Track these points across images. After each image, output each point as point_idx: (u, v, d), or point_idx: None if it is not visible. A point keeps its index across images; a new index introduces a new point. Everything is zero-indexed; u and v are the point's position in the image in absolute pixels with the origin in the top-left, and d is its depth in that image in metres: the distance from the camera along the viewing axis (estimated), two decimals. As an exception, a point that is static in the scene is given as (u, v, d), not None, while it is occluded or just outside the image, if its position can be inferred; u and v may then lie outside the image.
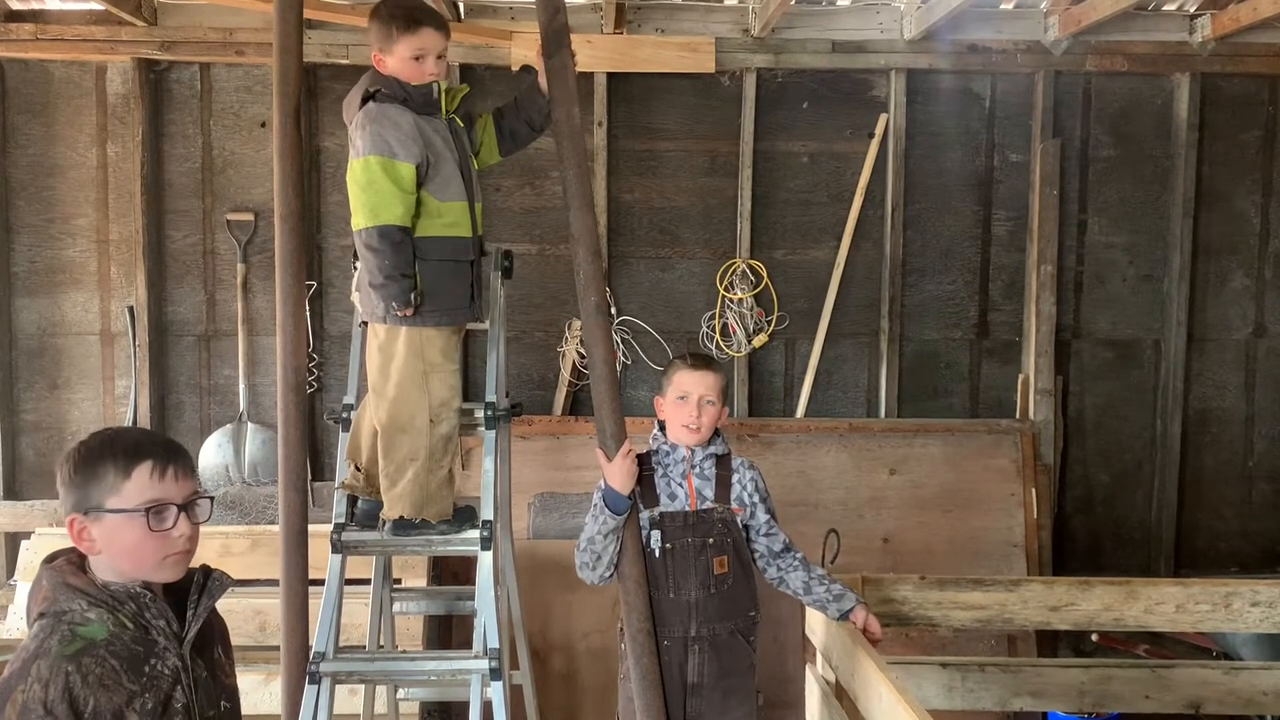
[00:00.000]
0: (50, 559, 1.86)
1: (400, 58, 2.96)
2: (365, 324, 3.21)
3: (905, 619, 3.40)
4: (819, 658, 3.27)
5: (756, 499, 2.98)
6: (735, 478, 2.99)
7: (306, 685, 2.93)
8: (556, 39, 3.11)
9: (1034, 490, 4.93)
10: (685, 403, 2.93)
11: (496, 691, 2.92)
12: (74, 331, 5.00)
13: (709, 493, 2.95)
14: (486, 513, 3.08)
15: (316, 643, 2.97)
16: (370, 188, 2.89)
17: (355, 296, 3.21)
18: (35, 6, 4.82)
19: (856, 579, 3.29)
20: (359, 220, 2.94)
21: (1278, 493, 5.29)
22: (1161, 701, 3.44)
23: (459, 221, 3.06)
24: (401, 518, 3.01)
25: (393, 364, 3.01)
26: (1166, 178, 5.16)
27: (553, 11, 3.11)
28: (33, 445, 5.02)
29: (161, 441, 1.85)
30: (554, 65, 3.07)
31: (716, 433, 3.03)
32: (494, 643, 2.94)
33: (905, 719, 2.37)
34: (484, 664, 2.92)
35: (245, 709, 4.18)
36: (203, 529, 4.85)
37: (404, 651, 3.86)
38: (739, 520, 2.95)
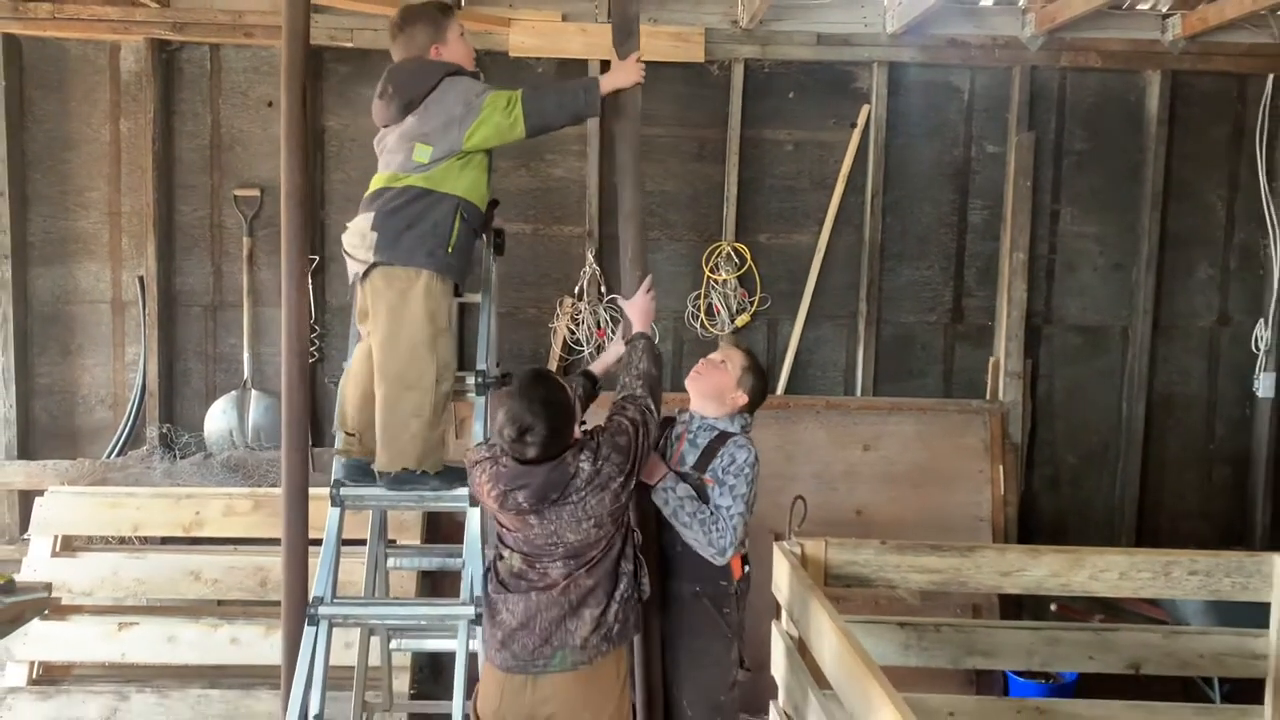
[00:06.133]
0: None
1: (455, 37, 3.38)
2: (361, 280, 3.37)
3: (867, 580, 3.62)
4: (784, 615, 3.50)
5: (722, 473, 3.15)
6: (722, 451, 3.19)
7: (306, 626, 3.17)
8: (626, 28, 3.43)
9: (1001, 468, 5.16)
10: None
11: (481, 634, 3.14)
12: (86, 300, 5.23)
13: (691, 459, 3.19)
14: (476, 472, 3.31)
15: (316, 588, 3.21)
16: (512, 104, 3.23)
17: (362, 251, 3.31)
18: (52, -13, 5.03)
19: (822, 542, 3.53)
20: (520, 129, 3.25)
21: (1237, 475, 5.52)
22: (1105, 662, 3.67)
23: (486, 196, 3.40)
24: (404, 469, 3.23)
25: (405, 327, 3.23)
26: (1137, 171, 5.37)
27: (627, 6, 3.45)
28: (46, 408, 5.26)
29: None
30: (624, 53, 3.40)
31: (738, 416, 3.27)
32: (479, 590, 3.16)
33: (852, 663, 2.61)
34: (470, 610, 3.16)
35: (246, 659, 4.48)
36: (208, 490, 5.14)
37: (396, 598, 4.10)
38: (710, 490, 3.16)
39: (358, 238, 3.25)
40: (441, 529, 4.82)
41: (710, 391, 3.23)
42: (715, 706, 3.17)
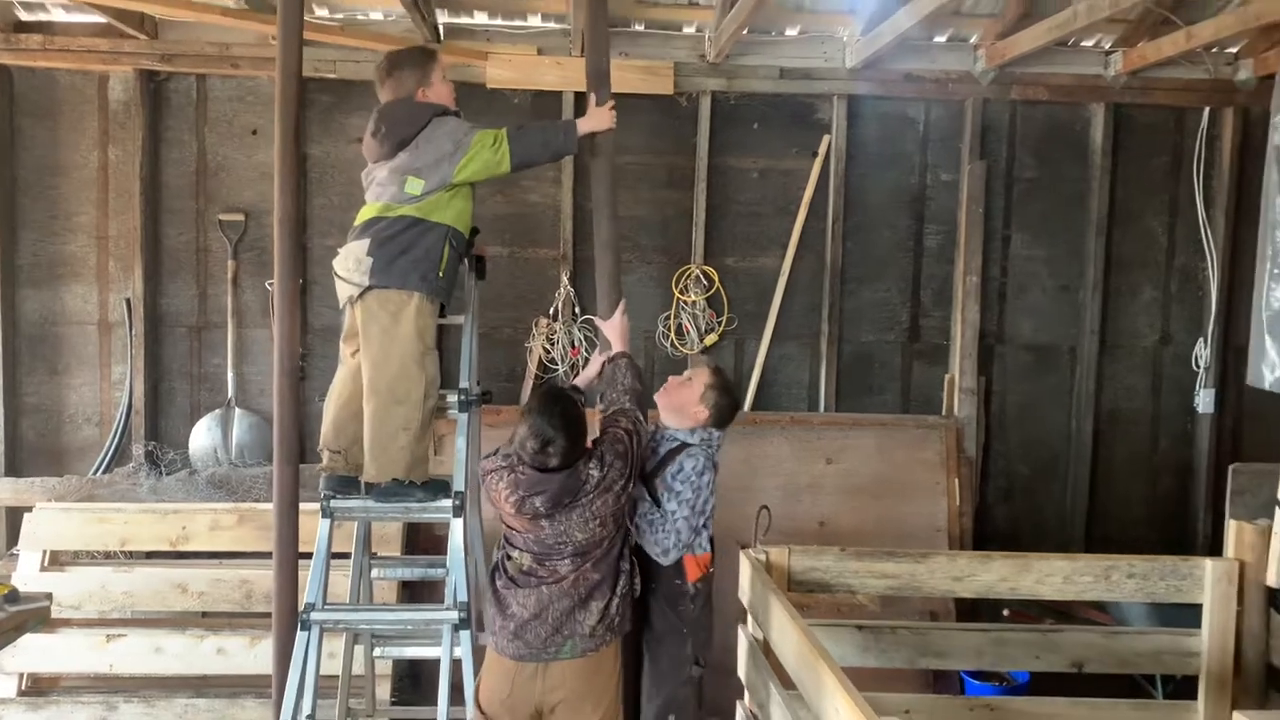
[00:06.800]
0: None
1: (439, 79, 3.67)
2: (350, 305, 3.58)
3: (827, 586, 3.84)
4: (749, 617, 3.71)
5: (671, 479, 3.38)
6: (675, 460, 3.42)
7: (299, 631, 3.35)
8: (599, 79, 3.79)
9: (956, 480, 5.41)
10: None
11: (464, 640, 3.35)
12: (74, 321, 5.38)
13: (650, 466, 3.41)
14: (458, 485, 3.52)
15: (308, 595, 3.40)
16: (499, 143, 3.52)
17: (357, 275, 3.51)
18: (43, 18, 5.19)
19: (785, 550, 3.76)
20: (506, 165, 3.55)
21: (1180, 486, 5.82)
22: (1049, 661, 3.90)
23: (470, 224, 3.69)
24: (394, 480, 3.43)
25: (397, 345, 3.45)
26: (1083, 198, 5.67)
27: (599, 56, 3.83)
28: (33, 426, 5.39)
29: None
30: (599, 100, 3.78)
31: (699, 429, 3.48)
32: (463, 597, 3.36)
33: (810, 658, 2.82)
34: (453, 615, 3.36)
35: (231, 669, 4.62)
36: (193, 505, 5.30)
37: (384, 604, 4.28)
38: (661, 496, 3.39)
39: (352, 262, 3.46)
40: (420, 542, 5.00)
41: (674, 405, 3.47)
42: (670, 698, 3.39)
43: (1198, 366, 5.73)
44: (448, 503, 3.48)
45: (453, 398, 3.71)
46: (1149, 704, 4.23)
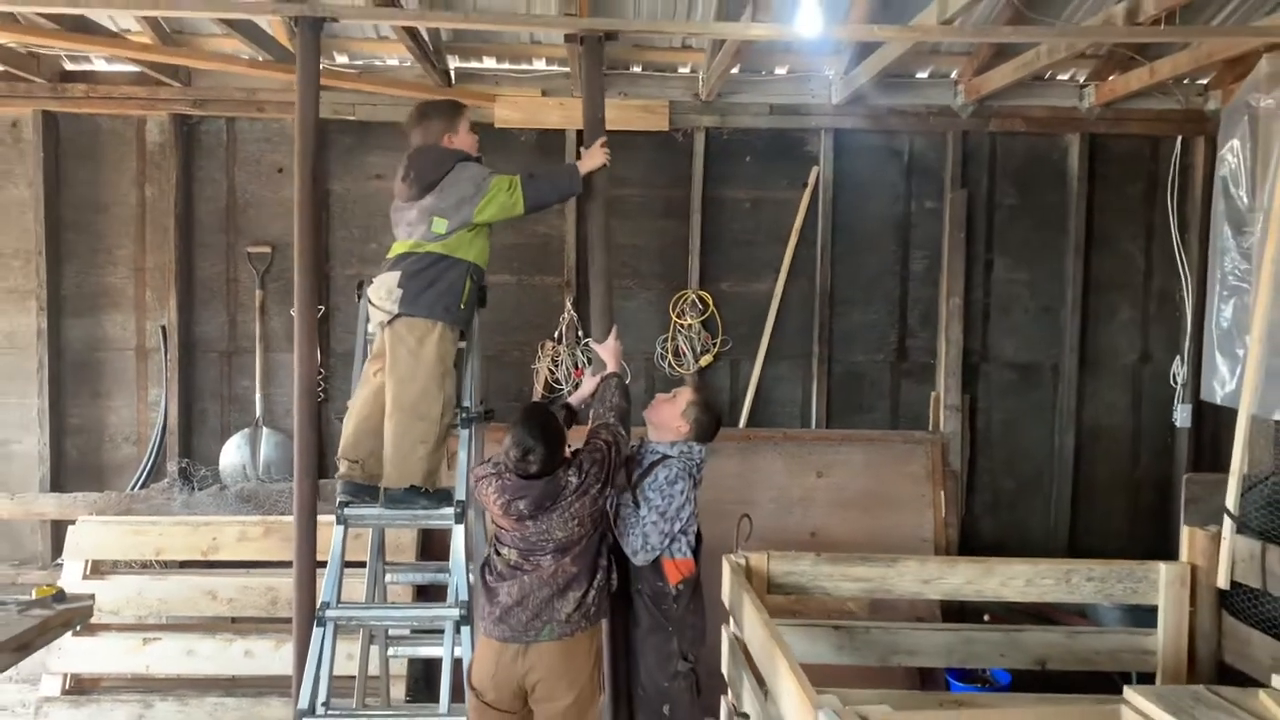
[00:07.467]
0: None
1: (464, 129, 4.05)
2: (381, 329, 3.96)
3: (804, 589, 4.14)
4: (730, 618, 4.02)
5: (648, 489, 3.68)
6: (654, 472, 3.74)
7: (315, 627, 3.69)
8: (595, 128, 4.26)
9: (942, 493, 5.69)
10: None
11: (465, 635, 3.67)
12: (114, 348, 5.79)
13: (634, 478, 3.73)
14: (460, 494, 3.85)
15: (323, 594, 3.74)
16: (514, 188, 3.91)
17: (388, 304, 3.88)
18: (86, 68, 5.63)
19: (764, 555, 4.06)
20: (521, 207, 3.94)
21: (1160, 499, 6.05)
22: (1014, 659, 4.18)
23: (488, 260, 4.10)
24: (413, 486, 3.80)
25: (421, 367, 3.82)
26: (1062, 223, 5.95)
27: (595, 108, 4.27)
28: (76, 445, 5.80)
29: None
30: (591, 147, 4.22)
31: (679, 443, 3.78)
32: (464, 596, 3.69)
33: (771, 651, 3.13)
34: (455, 612, 3.69)
35: (258, 670, 4.96)
36: (223, 518, 5.71)
37: (393, 603, 4.61)
38: (639, 503, 3.70)
39: (384, 292, 3.85)
40: (433, 550, 5.33)
41: (658, 420, 3.81)
42: (661, 690, 3.68)
43: (1175, 383, 5.98)
44: (450, 510, 3.81)
45: (457, 416, 4.05)
46: (1110, 699, 4.46)
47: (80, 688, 5.09)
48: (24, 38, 4.77)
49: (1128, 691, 2.58)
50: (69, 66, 5.61)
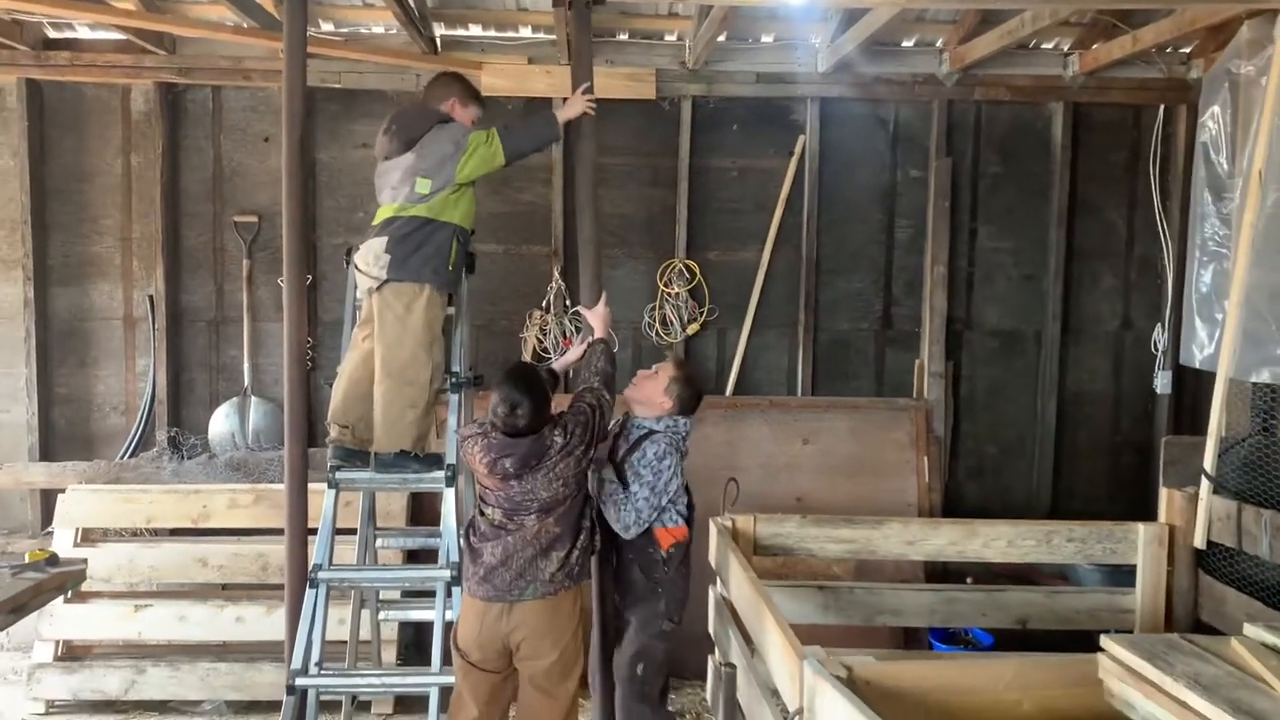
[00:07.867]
0: None
1: (471, 112, 4.22)
2: (369, 295, 3.98)
3: (790, 550, 4.21)
4: (717, 579, 4.08)
5: (636, 463, 3.76)
6: (642, 447, 3.79)
7: (307, 590, 3.73)
8: (584, 74, 4.26)
9: (926, 459, 5.75)
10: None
11: (456, 596, 3.72)
12: (100, 317, 5.79)
13: (622, 451, 3.81)
14: (450, 458, 3.90)
15: (315, 556, 3.79)
16: (491, 139, 3.98)
17: (375, 269, 3.92)
18: (69, 35, 5.60)
19: (751, 517, 4.12)
20: (501, 157, 4.01)
21: (1140, 464, 6.14)
22: (996, 619, 4.26)
23: (473, 221, 4.16)
24: (403, 450, 3.84)
25: (409, 332, 3.86)
26: (1045, 191, 6.00)
27: (583, 75, 4.27)
28: (64, 415, 5.81)
29: None
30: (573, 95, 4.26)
31: (664, 418, 3.84)
32: (455, 558, 3.74)
33: (758, 607, 3.19)
34: (446, 573, 3.74)
35: (249, 636, 5.00)
36: (213, 486, 5.75)
37: (384, 564, 4.66)
38: (628, 478, 3.77)
39: (371, 257, 3.88)
40: (423, 516, 5.38)
41: (641, 397, 3.86)
42: (641, 648, 3.78)
43: (1156, 350, 6.05)
44: (440, 473, 3.86)
45: (447, 381, 4.09)
46: (1090, 658, 4.55)
47: (73, 654, 5.12)
48: (7, 4, 4.73)
49: (1104, 640, 2.65)
50: (52, 34, 5.57)
